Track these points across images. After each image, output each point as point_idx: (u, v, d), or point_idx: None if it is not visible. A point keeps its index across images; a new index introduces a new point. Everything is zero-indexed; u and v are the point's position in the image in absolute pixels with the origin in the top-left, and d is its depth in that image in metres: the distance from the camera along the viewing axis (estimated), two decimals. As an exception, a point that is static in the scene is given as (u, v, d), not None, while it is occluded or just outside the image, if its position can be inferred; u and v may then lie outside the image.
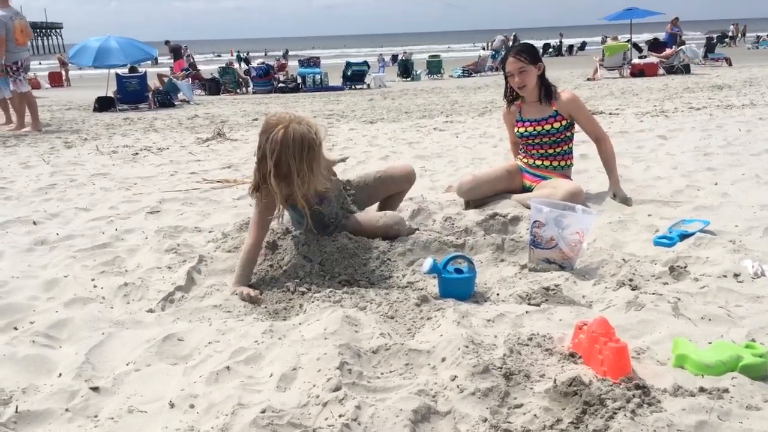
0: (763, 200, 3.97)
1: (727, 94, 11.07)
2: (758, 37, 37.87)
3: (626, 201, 4.07)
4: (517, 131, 4.21)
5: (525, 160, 4.26)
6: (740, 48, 34.11)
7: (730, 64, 20.57)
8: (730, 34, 39.01)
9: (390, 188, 3.67)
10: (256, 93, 19.21)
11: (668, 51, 18.56)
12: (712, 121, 7.72)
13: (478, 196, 4.06)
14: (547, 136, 4.07)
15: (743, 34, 39.28)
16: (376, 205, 3.75)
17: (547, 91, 4.08)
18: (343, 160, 3.98)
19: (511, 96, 4.22)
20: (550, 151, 4.12)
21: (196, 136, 8.69)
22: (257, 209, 3.01)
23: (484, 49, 28.32)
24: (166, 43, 25.23)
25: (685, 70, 17.75)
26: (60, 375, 2.11)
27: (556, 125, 4.05)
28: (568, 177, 4.18)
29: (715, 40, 27.79)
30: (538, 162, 4.17)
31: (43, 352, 2.27)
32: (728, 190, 4.31)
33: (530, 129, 4.11)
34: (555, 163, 4.14)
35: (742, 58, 23.99)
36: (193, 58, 24.77)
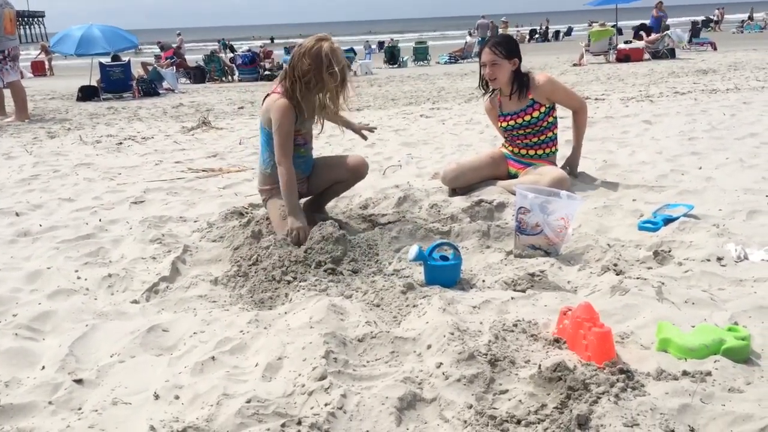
0: (747, 184, 3.99)
1: (711, 79, 11.11)
2: (743, 22, 37.99)
3: (574, 174, 4.23)
4: (500, 126, 4.22)
5: (510, 149, 4.26)
6: (726, 32, 34.23)
7: (715, 49, 20.64)
8: (714, 18, 39.09)
9: (334, 174, 3.58)
10: (242, 81, 19.08)
11: (653, 36, 18.58)
12: (697, 106, 7.75)
13: (462, 184, 4.06)
14: (529, 126, 4.08)
15: (750, 18, 38.85)
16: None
17: (520, 85, 4.06)
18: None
19: (485, 85, 4.19)
20: (534, 139, 4.13)
21: (181, 125, 8.62)
22: (283, 133, 3.17)
23: (470, 34, 28.19)
24: (158, 43, 25.04)
25: (671, 54, 17.79)
26: (43, 368, 2.09)
27: (536, 114, 4.05)
28: (554, 163, 4.18)
29: (700, 25, 27.85)
30: (523, 151, 4.18)
31: (26, 345, 2.25)
32: (712, 174, 4.33)
33: (512, 123, 4.13)
34: (540, 152, 4.15)
35: (727, 42, 24.07)
36: (182, 45, 24.47)
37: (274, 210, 3.34)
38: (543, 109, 4.05)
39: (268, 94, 3.34)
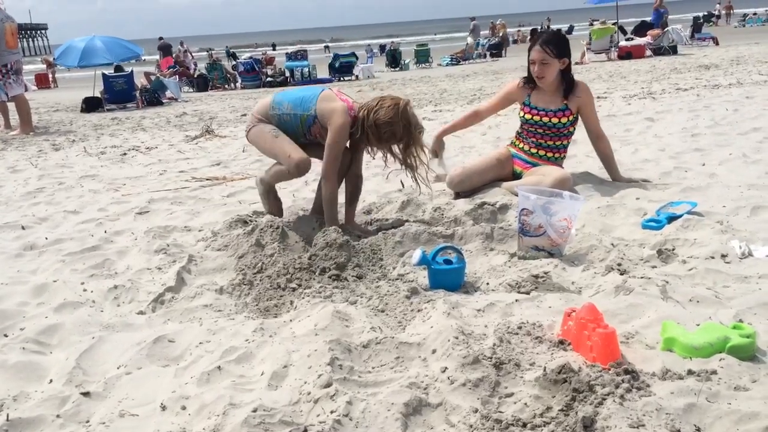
0: (751, 180, 3.99)
1: (714, 74, 11.09)
2: (745, 15, 37.89)
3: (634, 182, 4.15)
4: (523, 116, 4.15)
5: (520, 145, 4.23)
6: (727, 27, 34.15)
7: (717, 44, 20.58)
8: (716, 13, 39.02)
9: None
10: (245, 88, 19.14)
11: (656, 31, 18.55)
12: (700, 102, 7.74)
13: (468, 188, 4.05)
14: (550, 129, 4.05)
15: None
16: None
17: (567, 88, 4.01)
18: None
19: (530, 80, 4.11)
20: (550, 142, 4.10)
21: (184, 134, 8.66)
22: (336, 151, 3.35)
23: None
24: (160, 39, 25.03)
25: (672, 50, 17.76)
26: (51, 381, 2.10)
27: (564, 120, 4.03)
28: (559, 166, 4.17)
29: (701, 20, 27.80)
30: (533, 150, 4.15)
31: (34, 359, 2.27)
32: (716, 170, 4.32)
33: (536, 118, 4.07)
34: (549, 154, 4.13)
35: (729, 37, 24.00)
36: (191, 55, 24.49)
37: (263, 135, 3.53)
38: (571, 117, 4.04)
39: (340, 96, 3.45)
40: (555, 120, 4.02)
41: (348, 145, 3.49)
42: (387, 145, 3.40)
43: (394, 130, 3.31)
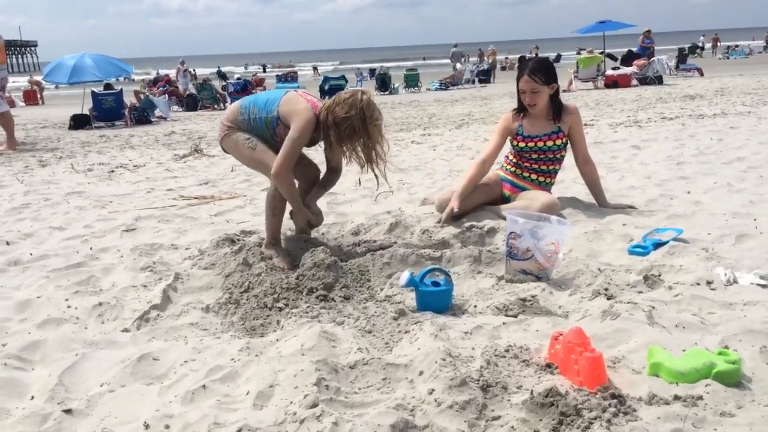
0: (735, 208, 4.03)
1: (699, 104, 11.26)
2: (728, 47, 38.63)
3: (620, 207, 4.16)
4: (517, 144, 4.16)
5: (510, 169, 4.24)
6: (712, 58, 34.78)
7: (702, 75, 20.94)
8: (700, 45, 39.78)
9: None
10: (234, 108, 19.11)
11: (642, 61, 18.85)
12: (685, 131, 7.84)
13: (458, 212, 4.05)
14: (544, 153, 4.09)
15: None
16: None
17: (557, 111, 4.06)
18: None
19: (522, 109, 4.14)
20: (544, 167, 4.14)
21: (173, 153, 8.64)
22: (296, 146, 3.25)
23: (460, 63, 28.48)
24: (155, 75, 25.17)
25: (658, 80, 18.04)
26: (32, 398, 2.07)
27: (558, 142, 4.07)
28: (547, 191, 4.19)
29: (686, 52, 28.31)
30: (526, 174, 4.17)
31: (15, 375, 2.23)
32: (701, 198, 4.37)
33: (531, 144, 4.10)
34: (541, 179, 4.15)
35: (714, 68, 24.42)
36: (190, 74, 24.38)
37: (238, 147, 3.50)
38: (564, 139, 4.08)
39: (305, 97, 3.39)
40: (550, 143, 4.06)
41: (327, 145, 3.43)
42: (350, 144, 3.29)
43: (353, 124, 3.19)
